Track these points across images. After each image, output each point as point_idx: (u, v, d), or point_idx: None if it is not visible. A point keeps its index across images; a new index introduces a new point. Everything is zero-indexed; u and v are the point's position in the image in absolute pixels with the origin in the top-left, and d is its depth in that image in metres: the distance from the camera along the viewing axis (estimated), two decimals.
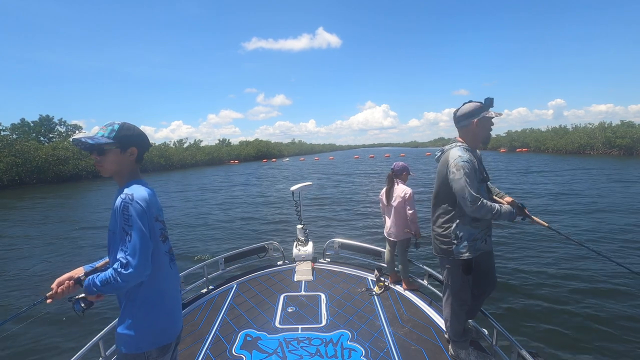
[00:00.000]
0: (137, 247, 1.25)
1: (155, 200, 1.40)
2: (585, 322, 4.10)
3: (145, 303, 1.36)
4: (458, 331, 2.32)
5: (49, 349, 3.95)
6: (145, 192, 1.35)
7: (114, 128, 1.37)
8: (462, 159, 2.02)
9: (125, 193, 1.30)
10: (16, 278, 6.47)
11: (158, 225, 1.39)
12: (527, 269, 5.76)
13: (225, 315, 3.02)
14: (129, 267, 1.24)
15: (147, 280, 1.34)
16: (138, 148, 1.43)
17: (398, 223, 3.41)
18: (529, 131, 76.68)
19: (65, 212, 14.73)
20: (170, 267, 1.47)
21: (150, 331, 1.37)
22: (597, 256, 5.95)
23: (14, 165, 30.74)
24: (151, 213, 1.34)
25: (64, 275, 1.43)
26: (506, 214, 2.02)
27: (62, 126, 50.31)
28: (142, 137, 1.45)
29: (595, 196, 12.54)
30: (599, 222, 8.71)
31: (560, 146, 54.27)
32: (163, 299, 1.41)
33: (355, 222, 10.36)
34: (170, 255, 1.48)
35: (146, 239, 1.29)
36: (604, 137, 46.56)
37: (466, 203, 1.98)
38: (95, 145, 1.33)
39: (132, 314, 1.35)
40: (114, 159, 1.37)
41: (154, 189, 1.47)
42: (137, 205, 1.28)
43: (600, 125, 51.62)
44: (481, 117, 2.07)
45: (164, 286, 1.42)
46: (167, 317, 1.42)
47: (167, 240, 1.47)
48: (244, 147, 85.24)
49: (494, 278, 2.32)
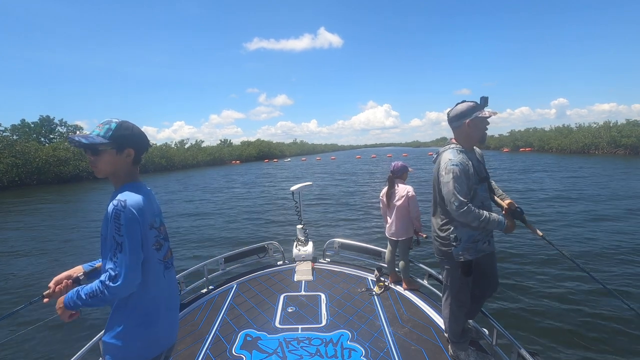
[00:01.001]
0: (126, 258, 1.19)
1: (150, 206, 1.33)
2: (586, 322, 4.09)
3: (135, 312, 1.29)
4: (457, 332, 2.32)
5: (47, 350, 3.95)
6: (140, 199, 1.28)
7: (111, 127, 1.29)
8: (452, 162, 2.00)
9: (118, 199, 1.23)
10: (14, 278, 6.48)
11: (152, 233, 1.32)
12: (527, 268, 5.76)
13: (225, 315, 3.02)
14: (117, 279, 1.18)
15: (138, 289, 1.28)
16: (135, 149, 1.35)
17: (400, 222, 3.40)
18: (533, 131, 76.18)
19: (66, 213, 14.74)
20: (164, 276, 1.39)
21: (139, 342, 1.30)
22: (595, 258, 6.00)
23: (14, 166, 30.76)
24: (145, 221, 1.27)
25: (62, 274, 1.40)
26: (494, 222, 1.99)
27: (63, 127, 50.31)
28: (141, 138, 1.37)
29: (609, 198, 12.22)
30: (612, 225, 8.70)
31: (564, 146, 53.81)
32: (155, 308, 1.34)
33: (355, 222, 10.36)
34: (165, 263, 1.40)
35: (137, 249, 1.23)
36: (609, 136, 46.03)
37: (452, 207, 1.97)
38: (89, 144, 1.26)
39: (120, 322, 1.28)
40: (108, 160, 1.30)
41: (154, 190, 1.44)
42: (130, 214, 1.21)
43: (605, 124, 50.99)
44: (474, 117, 2.04)
45: (156, 295, 1.35)
46: (159, 327, 1.35)
47: (163, 247, 1.40)
48: (245, 147, 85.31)
49: (495, 280, 2.30)
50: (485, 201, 2.14)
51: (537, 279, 5.33)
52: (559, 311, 4.37)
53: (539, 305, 4.54)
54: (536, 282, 5.22)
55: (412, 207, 3.37)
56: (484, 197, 2.14)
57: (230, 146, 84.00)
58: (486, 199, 2.16)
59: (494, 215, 2.01)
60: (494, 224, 1.99)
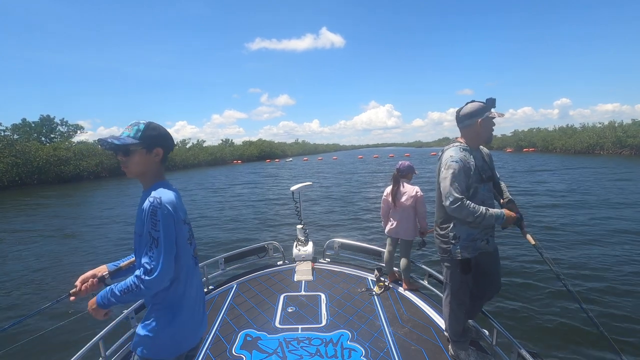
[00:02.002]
0: (162, 253, 1.24)
1: (181, 203, 1.38)
2: (586, 322, 4.09)
3: (170, 308, 1.34)
4: (457, 331, 2.32)
5: (48, 348, 3.96)
6: (173, 195, 1.32)
7: (140, 128, 1.34)
8: (453, 159, 2.04)
9: (154, 196, 1.27)
10: (17, 278, 6.49)
11: (185, 228, 1.38)
12: (528, 268, 5.75)
13: (225, 315, 3.03)
14: (153, 273, 1.22)
15: (174, 285, 1.33)
16: (163, 148, 1.40)
17: (406, 222, 3.40)
18: (536, 131, 75.48)
19: (69, 213, 14.76)
20: (195, 271, 1.46)
21: (171, 339, 1.34)
22: (592, 260, 5.97)
23: (15, 166, 30.74)
24: (178, 216, 1.32)
25: (88, 273, 1.43)
26: (492, 217, 1.98)
27: (64, 126, 50.19)
28: (168, 137, 1.42)
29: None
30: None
31: (568, 146, 53.08)
32: (188, 304, 1.39)
33: (355, 222, 10.36)
34: (195, 259, 1.47)
35: (172, 244, 1.27)
36: (615, 136, 45.40)
37: (446, 202, 2.00)
38: (121, 145, 1.30)
39: (157, 317, 1.33)
40: (139, 160, 1.34)
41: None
42: (166, 210, 1.26)
43: (610, 124, 50.36)
44: (485, 117, 2.07)
45: (190, 290, 1.40)
46: (190, 323, 1.40)
47: (193, 242, 1.46)
48: (247, 147, 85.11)
49: (497, 280, 2.30)
50: (487, 200, 2.13)
51: (538, 279, 5.32)
52: (559, 311, 4.36)
53: (539, 306, 4.53)
54: (536, 282, 5.21)
55: (419, 207, 3.38)
56: (485, 196, 2.13)
57: (232, 146, 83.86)
58: (488, 199, 2.15)
59: (491, 211, 2.00)
60: (491, 219, 1.99)
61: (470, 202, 1.98)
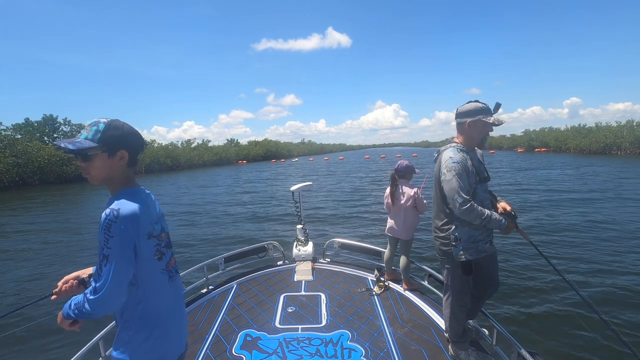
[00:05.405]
0: (111, 273, 1.09)
1: (148, 214, 1.22)
2: (587, 322, 4.07)
3: (142, 326, 1.22)
4: (457, 332, 2.32)
5: (48, 349, 3.97)
6: (136, 207, 1.16)
7: (99, 128, 1.17)
8: (453, 160, 2.01)
9: (111, 208, 1.12)
10: (15, 277, 6.51)
11: (152, 242, 1.22)
12: (528, 268, 5.73)
13: (225, 315, 3.03)
14: (98, 294, 1.09)
15: (144, 302, 1.22)
16: (129, 151, 1.23)
17: (405, 223, 3.40)
18: (548, 130, 73.39)
19: (69, 213, 14.79)
20: (170, 286, 1.32)
21: (148, 356, 1.24)
22: (590, 263, 5.92)
23: (15, 166, 30.68)
24: (141, 231, 1.17)
25: (71, 274, 1.39)
26: (496, 221, 2.01)
27: (67, 126, 50.10)
28: (133, 137, 1.24)
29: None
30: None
31: (583, 146, 50.80)
32: (162, 320, 1.27)
33: (355, 222, 10.36)
34: (169, 272, 1.31)
35: (125, 263, 1.12)
36: (633, 135, 43.49)
37: (455, 205, 1.97)
38: (77, 150, 1.14)
39: (127, 337, 1.22)
40: (101, 165, 1.19)
41: (156, 190, 1.39)
42: (122, 225, 1.11)
43: (628, 122, 48.20)
44: (476, 119, 2.04)
45: (162, 306, 1.28)
46: (167, 339, 1.28)
47: (166, 255, 1.30)
48: (252, 147, 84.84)
49: (495, 280, 2.31)
50: (485, 201, 2.14)
51: (538, 279, 5.31)
52: (559, 311, 4.35)
53: (539, 306, 4.52)
54: (536, 282, 5.20)
55: (419, 205, 3.39)
56: (483, 197, 2.14)
57: (237, 146, 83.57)
58: (486, 199, 2.15)
59: (495, 214, 2.02)
60: (495, 223, 2.01)
61: (476, 204, 1.98)
